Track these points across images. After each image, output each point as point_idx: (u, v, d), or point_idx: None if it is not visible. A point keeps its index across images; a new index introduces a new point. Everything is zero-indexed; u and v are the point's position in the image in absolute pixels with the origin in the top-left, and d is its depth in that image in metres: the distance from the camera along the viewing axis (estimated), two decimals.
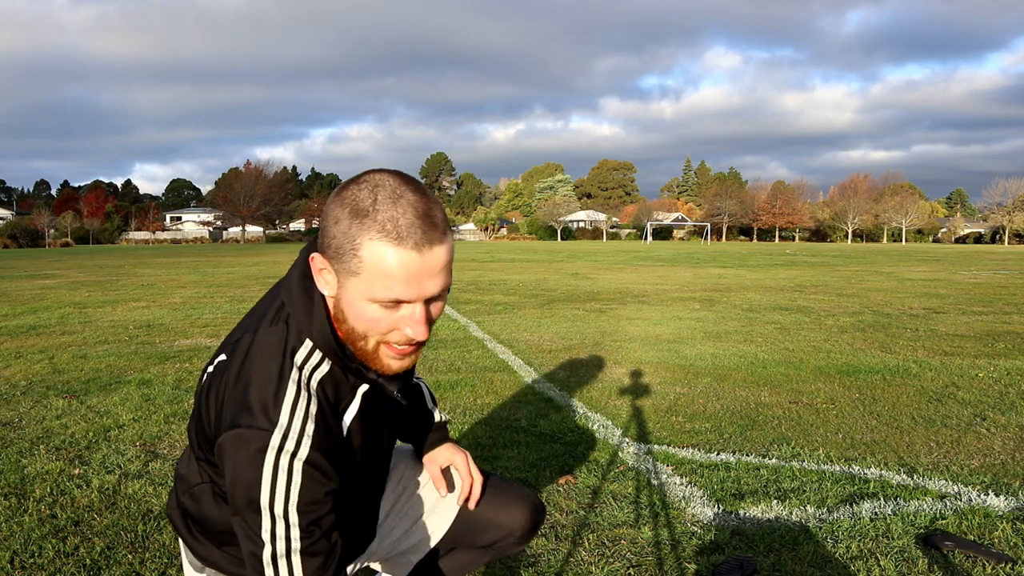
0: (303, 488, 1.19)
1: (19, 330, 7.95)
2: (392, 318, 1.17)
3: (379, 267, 1.11)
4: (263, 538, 1.19)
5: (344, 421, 1.29)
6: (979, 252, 44.15)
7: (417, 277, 1.13)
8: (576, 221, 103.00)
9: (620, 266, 23.05)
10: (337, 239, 1.14)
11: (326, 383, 1.26)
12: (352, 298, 1.17)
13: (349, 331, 1.22)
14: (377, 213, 1.11)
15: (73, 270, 21.28)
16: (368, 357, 1.24)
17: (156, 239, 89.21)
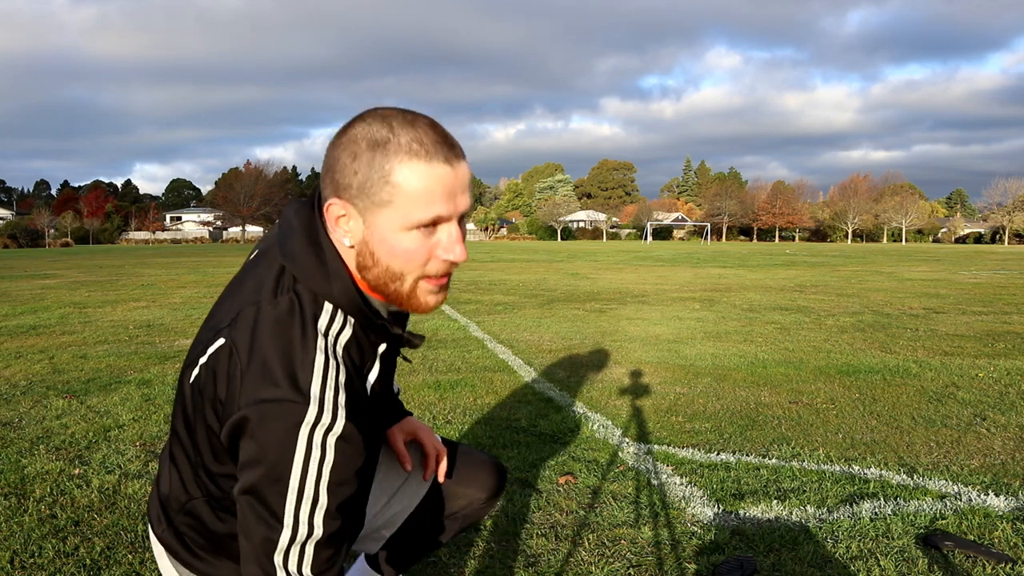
0: (335, 466, 1.09)
1: (19, 330, 7.95)
2: (428, 245, 1.13)
3: (416, 187, 1.07)
4: (285, 520, 1.09)
5: (368, 381, 1.22)
6: (979, 252, 44.14)
7: (452, 191, 1.10)
8: (576, 221, 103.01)
9: (620, 266, 23.05)
10: (360, 174, 1.08)
11: (351, 347, 1.18)
12: (385, 233, 1.10)
13: (381, 275, 1.14)
14: (399, 138, 1.07)
15: (73, 270, 21.28)
16: (404, 298, 1.17)
17: (156, 239, 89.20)
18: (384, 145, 1.07)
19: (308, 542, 1.11)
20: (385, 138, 1.07)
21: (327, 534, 1.12)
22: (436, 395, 4.80)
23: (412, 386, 5.07)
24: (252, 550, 1.12)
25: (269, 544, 1.10)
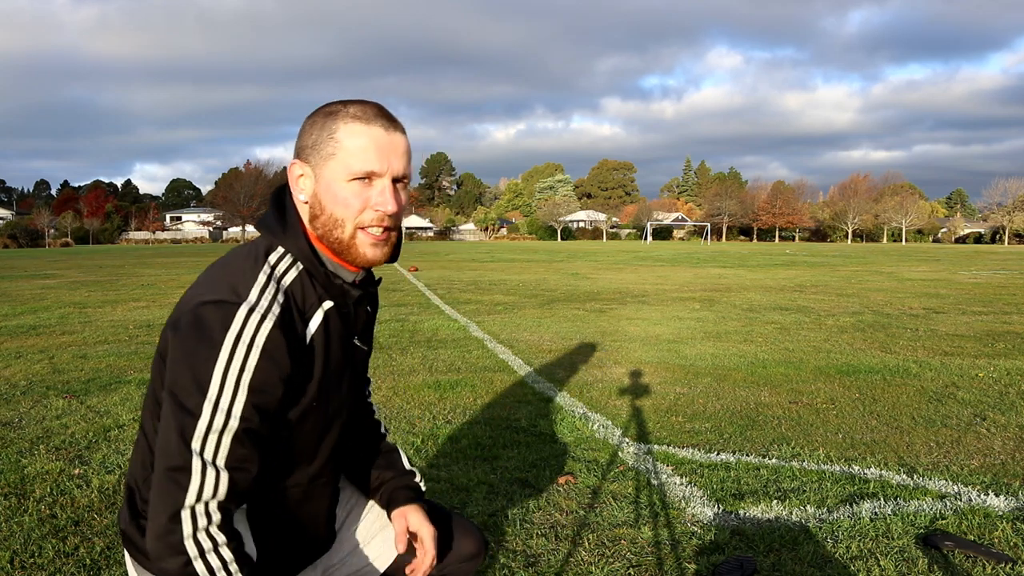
0: (259, 365, 1.20)
1: (19, 330, 7.95)
2: (364, 196, 1.28)
3: (353, 142, 1.26)
4: (203, 409, 1.17)
5: (309, 328, 1.31)
6: (979, 252, 44.16)
7: (386, 151, 1.28)
8: (576, 221, 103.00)
9: (620, 266, 23.05)
10: (313, 135, 1.29)
11: (295, 287, 1.30)
12: (329, 181, 1.28)
13: (326, 221, 1.29)
14: (348, 108, 1.29)
15: (73, 270, 21.28)
16: (345, 247, 1.30)
17: (156, 239, 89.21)
18: (335, 113, 1.29)
19: (225, 432, 1.18)
20: (336, 109, 1.30)
21: (243, 429, 1.20)
22: (436, 395, 4.80)
23: (412, 386, 5.07)
24: (170, 439, 1.19)
25: (189, 429, 1.18)
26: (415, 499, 1.59)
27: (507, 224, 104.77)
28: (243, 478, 1.22)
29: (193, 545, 1.17)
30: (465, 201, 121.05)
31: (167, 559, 1.18)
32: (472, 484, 3.14)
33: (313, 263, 1.31)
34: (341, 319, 1.37)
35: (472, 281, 15.72)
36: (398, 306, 10.34)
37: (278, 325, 1.22)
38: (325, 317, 1.33)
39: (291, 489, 1.41)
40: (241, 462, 1.21)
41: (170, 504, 1.17)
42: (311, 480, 1.43)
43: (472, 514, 2.83)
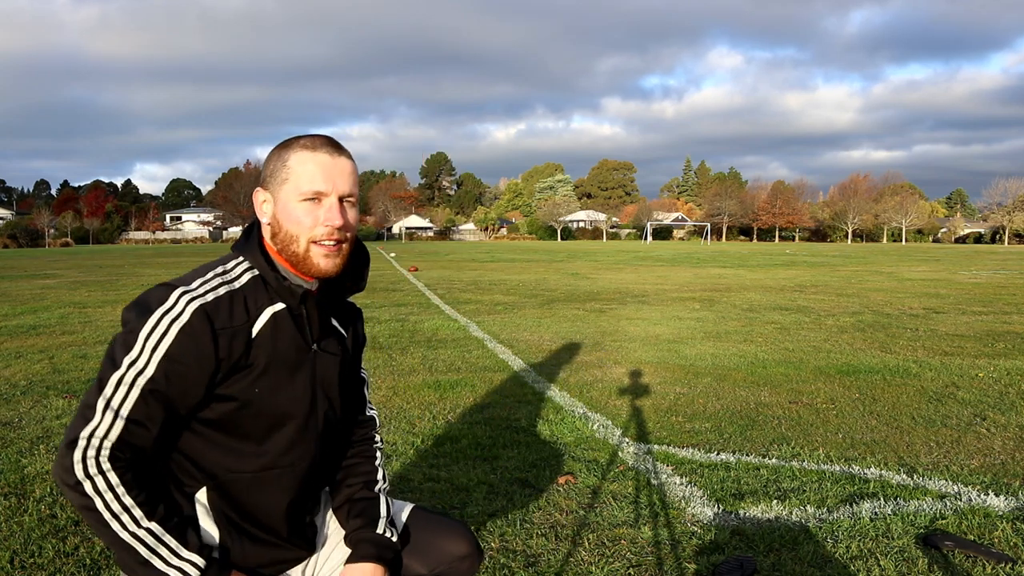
0: (177, 338, 1.36)
1: (19, 330, 7.95)
2: (315, 214, 1.45)
3: (302, 167, 1.45)
4: (123, 362, 1.35)
5: (255, 325, 1.45)
6: (979, 252, 44.15)
7: (331, 173, 1.46)
8: (576, 221, 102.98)
9: (620, 266, 23.05)
10: (271, 165, 1.48)
11: (247, 287, 1.46)
12: (284, 203, 1.46)
13: (284, 238, 1.47)
14: (299, 140, 1.49)
15: (73, 270, 21.28)
16: (300, 259, 1.47)
17: (156, 239, 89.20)
18: (288, 145, 1.50)
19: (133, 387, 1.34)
20: (290, 142, 1.50)
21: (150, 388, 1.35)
22: (436, 395, 4.80)
23: (412, 386, 5.07)
24: (92, 383, 1.36)
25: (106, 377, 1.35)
26: (375, 557, 1.57)
27: (507, 224, 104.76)
28: (141, 433, 1.35)
29: (81, 469, 1.31)
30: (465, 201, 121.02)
31: (61, 476, 1.33)
32: (472, 484, 3.14)
33: (266, 269, 1.48)
34: (293, 321, 1.50)
35: (472, 281, 15.72)
36: (398, 306, 10.34)
37: (206, 308, 1.39)
38: (273, 317, 1.47)
39: (241, 475, 1.48)
40: (142, 418, 1.35)
41: (71, 432, 1.33)
42: (262, 469, 1.49)
43: (472, 514, 2.84)
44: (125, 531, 1.32)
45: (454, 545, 1.67)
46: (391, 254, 34.42)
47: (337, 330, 1.63)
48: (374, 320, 8.66)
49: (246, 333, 1.43)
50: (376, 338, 7.29)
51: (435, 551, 1.67)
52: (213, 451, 1.46)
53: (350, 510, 1.63)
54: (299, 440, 1.53)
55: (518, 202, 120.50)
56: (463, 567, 1.68)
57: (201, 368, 1.38)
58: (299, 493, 1.56)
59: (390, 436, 3.87)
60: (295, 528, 1.57)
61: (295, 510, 1.57)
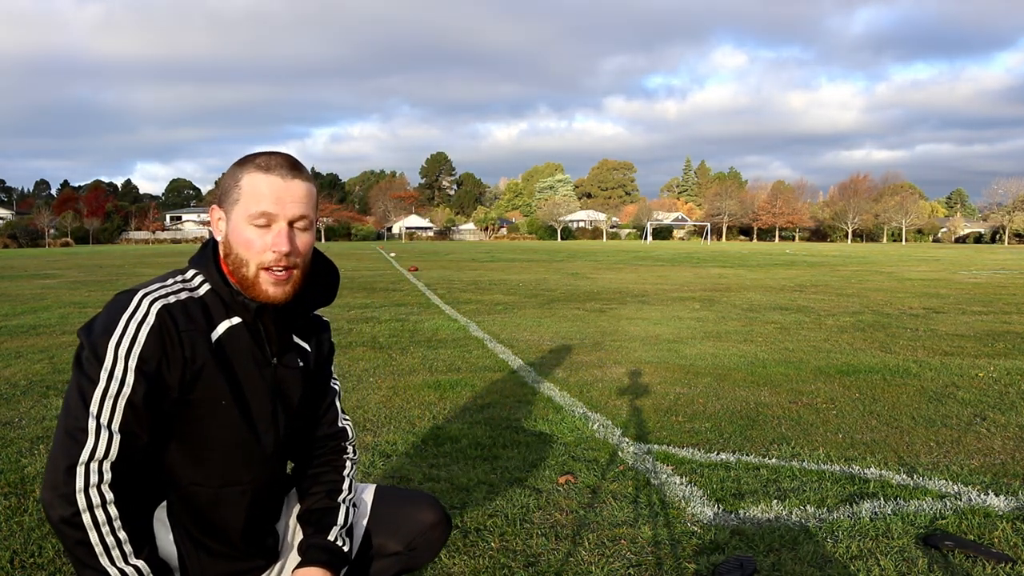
0: (147, 340, 1.35)
1: (19, 330, 7.95)
2: (264, 239, 1.42)
3: (253, 189, 1.42)
4: (100, 376, 1.33)
5: (215, 332, 1.45)
6: (979, 252, 44.16)
7: (281, 196, 1.42)
8: (576, 221, 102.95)
9: (620, 266, 23.05)
10: (225, 183, 1.46)
11: (206, 298, 1.46)
12: (235, 224, 1.44)
13: (235, 260, 1.45)
14: (255, 159, 1.46)
15: (73, 270, 21.29)
16: (250, 284, 1.45)
17: (156, 239, 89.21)
18: (243, 163, 1.47)
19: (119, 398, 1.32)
20: (245, 160, 1.47)
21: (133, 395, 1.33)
22: (436, 395, 4.80)
23: (412, 386, 5.07)
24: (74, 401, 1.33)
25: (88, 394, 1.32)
26: (323, 563, 1.58)
27: (507, 224, 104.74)
28: (134, 443, 1.35)
29: (83, 499, 1.29)
30: (465, 201, 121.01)
31: (58, 507, 1.30)
32: (472, 484, 3.14)
33: (219, 285, 1.47)
34: (251, 336, 1.49)
35: (472, 281, 15.72)
36: (398, 306, 10.34)
37: (169, 308, 1.39)
38: (230, 330, 1.47)
39: (202, 488, 1.48)
40: (132, 427, 1.34)
41: (67, 458, 1.30)
42: (223, 484, 1.49)
43: (472, 514, 2.84)
44: (113, 566, 1.31)
45: (423, 514, 1.71)
46: (391, 254, 34.42)
47: (299, 345, 1.61)
48: (374, 320, 8.66)
49: (207, 339, 1.43)
50: (376, 338, 7.29)
51: (405, 524, 1.70)
52: (177, 461, 1.46)
53: (308, 518, 1.63)
54: (256, 455, 1.52)
55: (518, 202, 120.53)
56: (435, 535, 1.72)
57: (172, 366, 1.38)
58: (257, 507, 1.56)
59: (390, 436, 3.88)
60: (253, 539, 1.57)
61: (253, 523, 1.57)
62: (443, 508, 1.75)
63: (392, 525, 1.71)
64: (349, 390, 4.96)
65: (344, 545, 1.62)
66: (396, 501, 1.75)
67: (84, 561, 1.31)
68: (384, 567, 1.72)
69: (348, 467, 1.72)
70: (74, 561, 1.33)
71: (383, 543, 1.70)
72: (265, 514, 1.60)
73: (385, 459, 3.51)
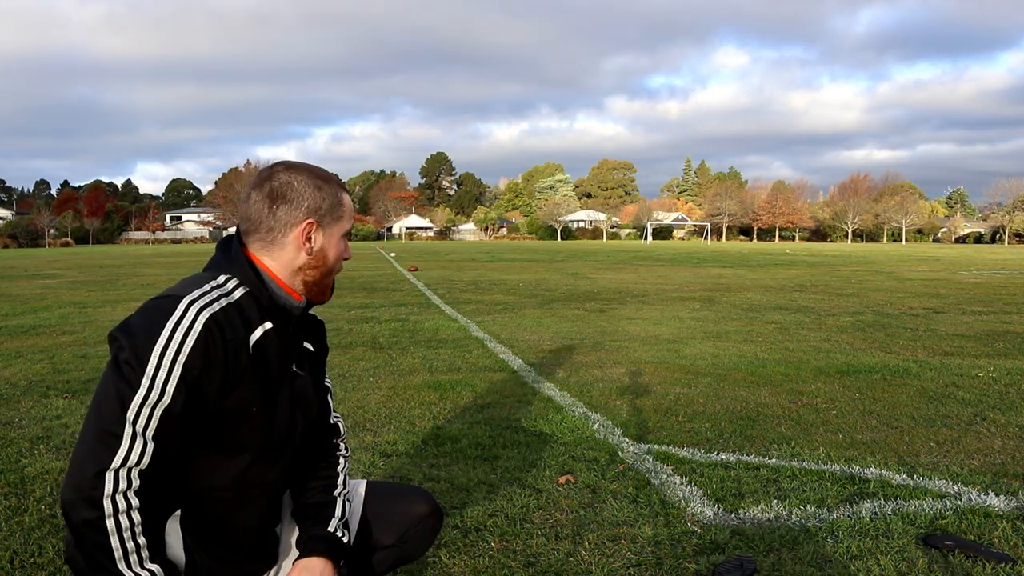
0: (193, 349, 1.33)
1: (19, 330, 7.95)
2: (344, 249, 1.60)
3: (349, 208, 1.59)
4: (142, 383, 1.30)
5: (252, 337, 1.46)
6: (979, 252, 44.16)
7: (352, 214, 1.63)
8: (576, 221, 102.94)
9: (620, 266, 23.05)
10: (326, 200, 1.54)
11: (242, 300, 1.46)
12: (335, 239, 1.56)
13: (324, 270, 1.55)
14: (333, 178, 1.58)
15: (73, 270, 21.28)
16: (327, 287, 1.58)
17: (156, 239, 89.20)
18: (330, 182, 1.56)
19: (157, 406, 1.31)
20: (327, 178, 1.57)
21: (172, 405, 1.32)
22: (436, 395, 4.80)
23: (412, 386, 5.07)
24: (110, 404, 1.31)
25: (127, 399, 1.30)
26: (323, 552, 1.59)
27: (507, 224, 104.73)
28: (165, 452, 1.34)
29: (110, 504, 1.28)
30: (465, 201, 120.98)
31: (83, 510, 1.28)
32: (472, 484, 3.14)
33: (257, 287, 1.48)
34: (279, 340, 1.51)
35: (472, 281, 15.72)
36: (398, 306, 10.34)
37: (216, 316, 1.38)
38: (264, 334, 1.48)
39: (222, 493, 1.48)
40: (166, 436, 1.33)
41: (98, 462, 1.28)
42: (245, 487, 1.49)
43: (472, 514, 2.84)
44: (130, 570, 1.31)
45: (414, 507, 1.75)
46: (391, 254, 34.42)
47: (307, 349, 1.65)
48: (374, 320, 8.66)
49: (245, 347, 1.43)
50: (376, 338, 7.29)
51: (397, 516, 1.73)
52: (201, 467, 1.45)
53: (305, 513, 1.64)
54: (279, 458, 1.55)
55: (518, 202, 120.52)
56: (427, 526, 1.76)
57: (213, 379, 1.37)
58: (272, 509, 1.58)
59: (390, 436, 3.88)
60: (261, 542, 1.59)
61: (265, 525, 1.59)
62: (434, 500, 1.79)
63: (385, 519, 1.74)
64: (349, 390, 4.96)
65: (343, 536, 1.63)
66: (387, 495, 1.78)
67: (102, 564, 1.30)
68: (379, 560, 1.74)
69: (341, 463, 1.74)
70: (89, 563, 1.32)
71: (377, 537, 1.73)
72: (274, 516, 1.62)
73: (385, 459, 3.51)
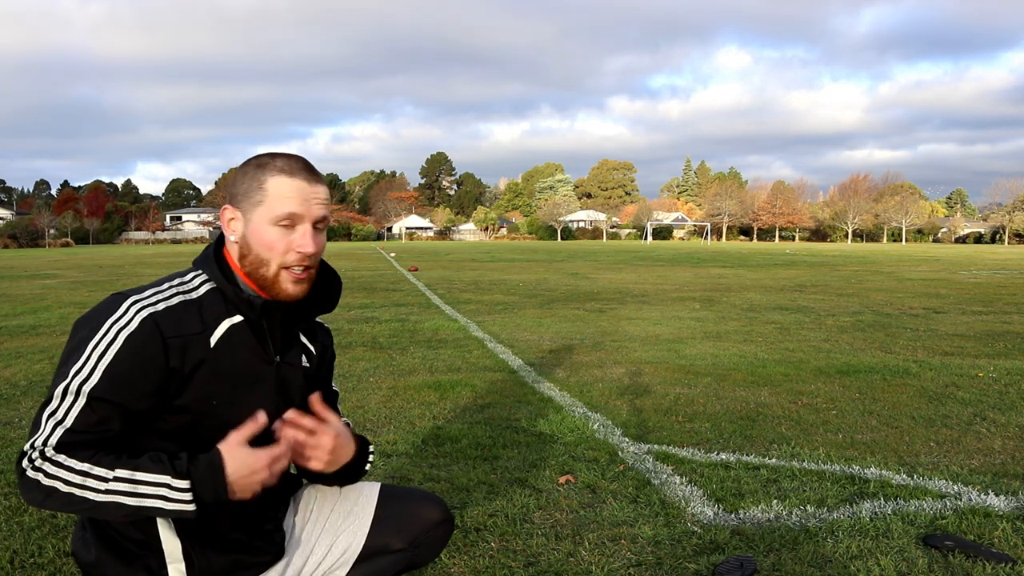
0: (123, 347, 1.36)
1: (19, 330, 7.95)
2: (287, 239, 1.46)
3: (279, 191, 1.45)
4: (69, 373, 1.35)
5: (213, 335, 1.46)
6: (979, 252, 44.14)
7: (308, 199, 1.47)
8: (576, 221, 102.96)
9: (620, 266, 23.05)
10: (244, 184, 1.48)
11: (205, 298, 1.48)
12: (257, 225, 1.46)
13: (253, 261, 1.47)
14: (275, 161, 1.48)
15: (73, 270, 21.28)
16: (269, 283, 1.48)
17: (156, 239, 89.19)
18: (264, 166, 1.48)
19: (79, 396, 1.34)
20: (266, 162, 1.49)
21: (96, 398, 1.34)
22: (436, 395, 4.80)
23: (412, 386, 5.07)
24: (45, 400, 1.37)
25: (56, 386, 1.36)
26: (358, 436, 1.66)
27: (507, 224, 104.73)
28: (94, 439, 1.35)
29: (31, 469, 1.32)
30: (465, 201, 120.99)
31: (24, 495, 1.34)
32: (472, 484, 3.14)
33: (223, 282, 1.49)
34: (253, 333, 1.50)
35: (472, 281, 15.72)
36: (398, 306, 10.34)
37: (155, 317, 1.40)
38: (231, 329, 1.48)
39: None
40: (84, 427, 1.34)
41: (28, 439, 1.36)
42: None
43: (472, 514, 2.84)
44: (98, 493, 1.31)
45: (427, 512, 1.73)
46: (391, 254, 34.42)
47: (304, 344, 1.64)
48: (374, 320, 8.66)
49: (201, 343, 1.44)
50: (376, 338, 7.29)
51: (410, 521, 1.72)
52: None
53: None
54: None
55: (518, 202, 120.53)
56: (438, 533, 1.74)
57: (147, 377, 1.38)
58: (259, 502, 1.55)
59: (390, 436, 3.88)
60: (257, 534, 1.59)
61: (255, 518, 1.58)
62: (446, 507, 1.77)
63: (396, 523, 1.72)
64: (349, 390, 4.96)
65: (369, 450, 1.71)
66: (400, 499, 1.77)
67: (76, 508, 1.32)
68: (388, 564, 1.74)
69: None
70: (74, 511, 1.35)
71: (387, 540, 1.72)
72: (267, 510, 1.61)
73: (385, 459, 3.51)
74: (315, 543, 1.70)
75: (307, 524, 1.71)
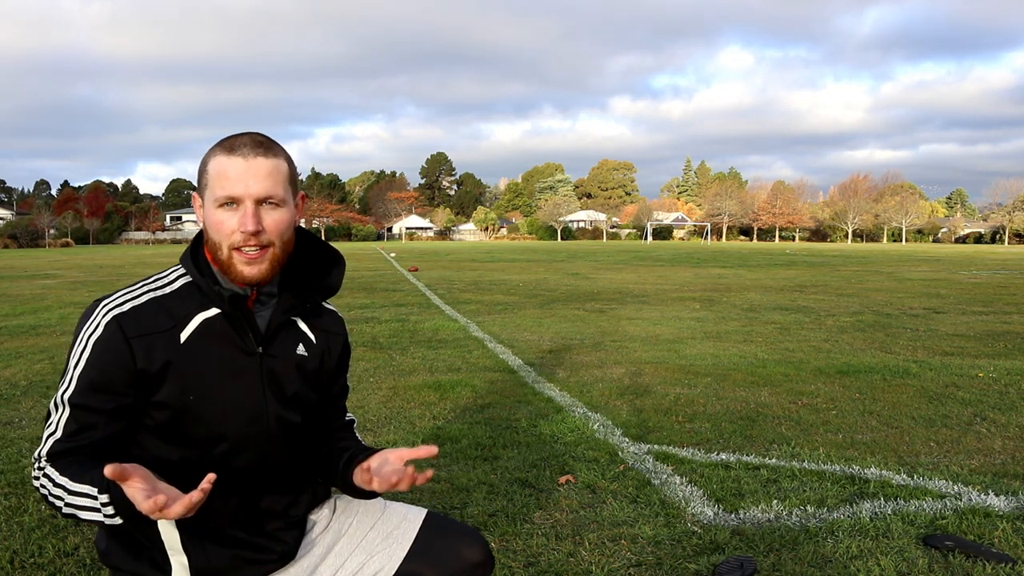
0: (93, 350, 1.39)
1: (19, 330, 7.95)
2: (232, 220, 1.42)
3: (218, 172, 1.42)
4: (61, 386, 1.41)
5: (185, 330, 1.46)
6: (979, 252, 44.14)
7: (243, 176, 1.41)
8: (576, 221, 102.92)
9: (620, 266, 23.05)
10: (200, 168, 1.47)
11: (179, 292, 1.49)
12: (207, 210, 1.45)
13: (212, 245, 1.46)
14: (222, 142, 1.45)
15: (73, 270, 21.28)
16: (225, 267, 1.46)
17: (156, 239, 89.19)
18: (211, 149, 1.46)
19: (66, 405, 1.39)
20: (215, 145, 1.46)
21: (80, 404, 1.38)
22: (436, 395, 4.80)
23: (412, 386, 5.07)
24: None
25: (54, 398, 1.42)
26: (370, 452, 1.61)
27: (507, 224, 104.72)
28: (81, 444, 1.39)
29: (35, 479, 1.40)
30: (465, 201, 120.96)
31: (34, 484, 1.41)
32: (472, 484, 3.14)
33: (196, 275, 1.48)
34: (231, 325, 1.49)
35: (472, 281, 15.72)
36: (398, 306, 10.34)
37: (118, 318, 1.41)
38: (205, 322, 1.47)
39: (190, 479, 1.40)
40: (73, 433, 1.39)
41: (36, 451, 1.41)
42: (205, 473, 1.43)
43: (472, 514, 2.84)
44: (62, 502, 1.36)
45: (469, 552, 1.66)
46: (391, 254, 34.42)
47: (303, 332, 1.59)
48: (374, 320, 8.66)
49: (169, 339, 1.43)
50: (376, 338, 7.29)
51: (448, 557, 1.65)
52: (162, 455, 1.46)
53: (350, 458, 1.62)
54: (246, 443, 1.51)
55: (518, 202, 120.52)
56: (475, 575, 1.66)
57: (117, 378, 1.40)
58: (253, 496, 1.54)
59: (390, 436, 3.88)
60: (259, 532, 1.56)
61: (252, 513, 1.55)
62: (488, 548, 1.70)
63: (434, 555, 1.67)
64: (349, 390, 4.96)
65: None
66: (443, 532, 1.70)
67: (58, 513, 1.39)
68: None
69: (359, 439, 1.77)
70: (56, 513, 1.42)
71: (421, 571, 1.66)
72: (269, 503, 1.58)
73: None
74: (348, 557, 1.66)
75: (343, 537, 1.68)
